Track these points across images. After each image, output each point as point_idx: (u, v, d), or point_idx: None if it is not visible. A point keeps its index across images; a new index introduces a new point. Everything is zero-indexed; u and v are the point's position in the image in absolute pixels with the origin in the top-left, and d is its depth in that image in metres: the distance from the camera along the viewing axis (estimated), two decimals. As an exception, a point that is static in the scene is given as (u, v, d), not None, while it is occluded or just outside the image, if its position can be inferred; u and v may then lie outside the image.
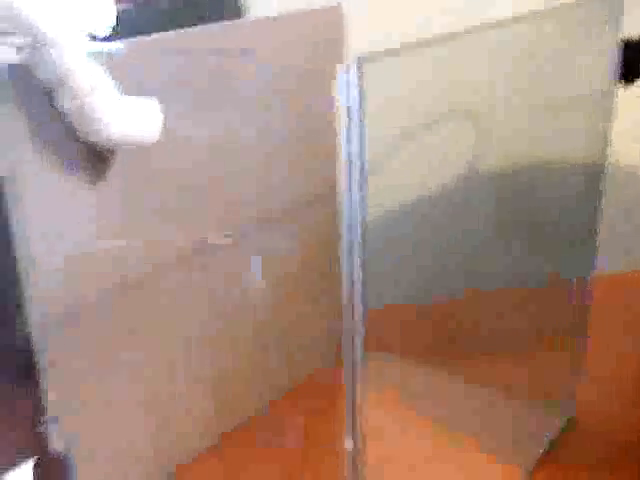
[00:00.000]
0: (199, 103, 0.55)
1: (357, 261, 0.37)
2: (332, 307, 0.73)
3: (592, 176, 0.62)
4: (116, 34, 0.61)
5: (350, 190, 0.35)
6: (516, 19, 0.49)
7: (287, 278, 0.68)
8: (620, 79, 0.63)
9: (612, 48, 0.59)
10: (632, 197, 0.93)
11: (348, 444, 0.41)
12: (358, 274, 0.37)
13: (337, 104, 0.33)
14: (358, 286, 0.38)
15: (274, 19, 0.62)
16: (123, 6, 0.64)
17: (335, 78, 0.33)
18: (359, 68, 0.32)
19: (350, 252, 0.37)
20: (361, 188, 0.35)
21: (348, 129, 0.34)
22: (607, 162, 0.61)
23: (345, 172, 0.34)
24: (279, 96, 0.59)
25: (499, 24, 0.48)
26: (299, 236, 0.68)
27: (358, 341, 0.39)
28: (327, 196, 0.70)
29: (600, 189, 0.62)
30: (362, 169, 0.35)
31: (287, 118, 0.63)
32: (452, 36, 0.42)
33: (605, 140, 0.61)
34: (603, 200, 0.62)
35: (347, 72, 0.32)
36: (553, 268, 0.68)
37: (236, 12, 0.71)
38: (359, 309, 0.38)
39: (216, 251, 0.61)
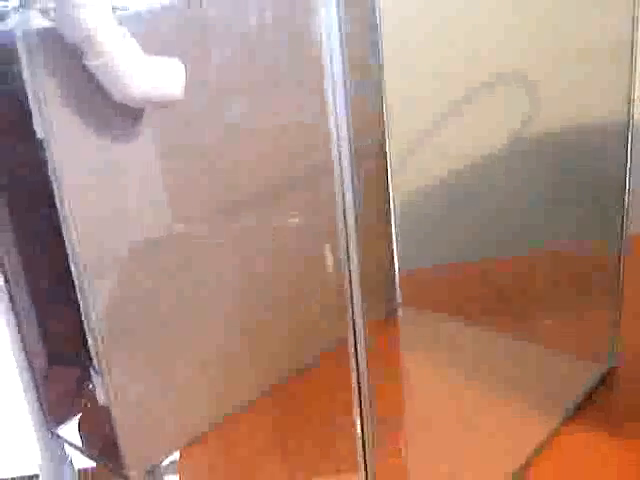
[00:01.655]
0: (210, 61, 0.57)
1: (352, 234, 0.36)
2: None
3: (620, 133, 0.62)
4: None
5: (340, 160, 0.35)
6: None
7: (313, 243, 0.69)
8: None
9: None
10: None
11: (357, 429, 0.42)
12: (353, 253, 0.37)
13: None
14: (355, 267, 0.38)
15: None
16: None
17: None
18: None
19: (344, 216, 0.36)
20: (351, 162, 0.35)
21: (330, 61, 0.34)
22: (632, 118, 0.61)
23: (333, 128, 0.35)
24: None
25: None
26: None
27: (360, 322, 0.41)
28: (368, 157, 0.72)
29: (628, 146, 0.61)
30: (347, 116, 0.35)
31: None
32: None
33: (629, 95, 0.60)
34: (630, 159, 0.62)
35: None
36: (588, 229, 0.68)
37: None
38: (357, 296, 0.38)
39: (249, 208, 0.64)
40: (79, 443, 0.64)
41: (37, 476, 0.65)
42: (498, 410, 0.64)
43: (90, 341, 0.58)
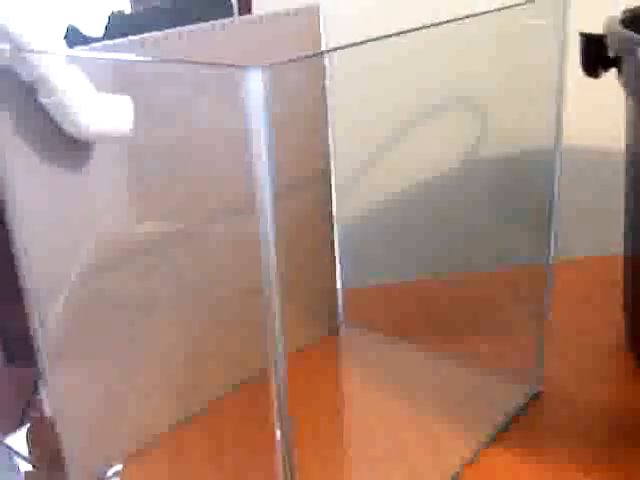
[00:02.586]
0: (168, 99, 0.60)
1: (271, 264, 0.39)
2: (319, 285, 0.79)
3: (548, 162, 0.65)
4: (109, 33, 0.67)
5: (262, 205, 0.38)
6: (467, 16, 0.53)
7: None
8: (584, 72, 0.67)
9: (562, 42, 0.62)
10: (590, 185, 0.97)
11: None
12: (273, 276, 0.40)
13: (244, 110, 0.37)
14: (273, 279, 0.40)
15: (250, 20, 0.67)
16: (120, 6, 0.70)
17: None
18: (263, 75, 0.36)
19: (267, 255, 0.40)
20: (271, 192, 0.38)
21: (253, 136, 0.37)
22: (560, 148, 0.64)
23: (257, 185, 0.38)
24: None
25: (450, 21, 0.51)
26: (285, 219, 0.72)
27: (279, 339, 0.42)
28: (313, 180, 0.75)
29: (554, 174, 0.65)
30: (271, 181, 0.38)
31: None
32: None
33: (558, 127, 0.63)
34: (558, 185, 0.65)
35: (252, 80, 0.36)
36: (519, 252, 0.72)
37: (228, 11, 0.76)
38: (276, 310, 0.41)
39: (201, 233, 0.67)
40: (26, 453, 0.67)
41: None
42: (426, 428, 0.67)
43: (38, 358, 0.60)
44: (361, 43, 0.43)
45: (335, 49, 0.40)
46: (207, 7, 0.75)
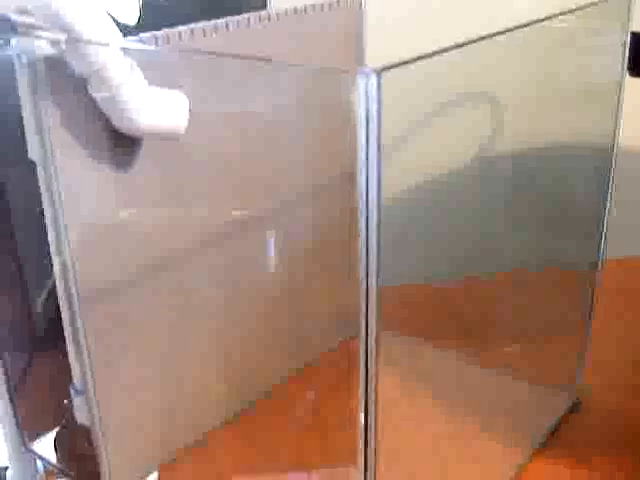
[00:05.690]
0: (222, 94, 0.57)
1: (373, 244, 0.38)
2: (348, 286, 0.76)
3: (602, 162, 0.63)
4: (141, 24, 0.64)
5: (367, 192, 0.36)
6: (531, 21, 0.51)
7: (306, 258, 0.70)
8: (629, 70, 0.66)
9: (622, 43, 0.61)
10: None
11: (360, 419, 0.43)
12: (373, 255, 0.39)
13: (355, 111, 0.35)
14: (373, 266, 0.39)
15: (292, 12, 0.64)
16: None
17: (353, 84, 0.35)
18: (379, 78, 0.34)
19: (367, 237, 0.38)
20: (378, 189, 0.37)
21: (366, 137, 0.35)
22: (616, 149, 0.63)
23: (362, 178, 0.36)
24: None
25: (516, 27, 0.49)
26: (317, 218, 0.70)
27: (372, 318, 0.41)
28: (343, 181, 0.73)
29: (609, 175, 0.63)
30: (379, 175, 0.36)
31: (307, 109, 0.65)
32: (468, 41, 0.43)
33: (615, 129, 0.62)
34: (612, 186, 0.63)
35: (366, 81, 0.34)
36: (560, 253, 0.70)
37: (261, 2, 0.73)
38: (373, 288, 0.39)
39: (239, 232, 0.64)
40: (54, 459, 0.64)
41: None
42: (465, 442, 0.65)
43: (74, 363, 0.58)
44: (456, 47, 0.41)
45: (451, 48, 0.38)
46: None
